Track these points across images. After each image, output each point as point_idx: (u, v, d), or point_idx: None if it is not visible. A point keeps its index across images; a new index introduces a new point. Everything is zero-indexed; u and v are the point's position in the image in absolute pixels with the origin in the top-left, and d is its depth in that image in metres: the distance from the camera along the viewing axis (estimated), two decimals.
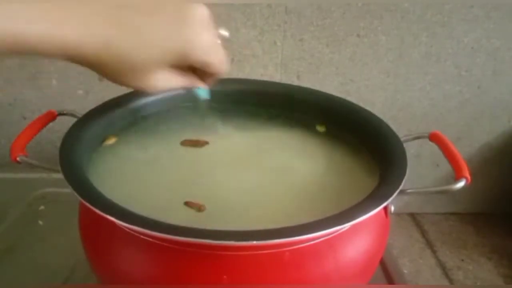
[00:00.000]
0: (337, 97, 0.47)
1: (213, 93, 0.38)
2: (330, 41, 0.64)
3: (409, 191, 0.34)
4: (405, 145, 0.38)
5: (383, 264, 0.49)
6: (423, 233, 0.77)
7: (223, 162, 0.40)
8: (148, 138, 0.43)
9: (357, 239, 0.32)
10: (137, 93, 0.44)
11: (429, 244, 0.74)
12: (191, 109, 0.45)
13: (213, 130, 0.45)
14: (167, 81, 0.32)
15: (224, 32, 0.34)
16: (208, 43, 0.31)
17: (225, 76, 0.35)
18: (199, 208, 0.33)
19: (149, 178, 0.37)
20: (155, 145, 0.42)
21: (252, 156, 0.41)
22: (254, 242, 0.26)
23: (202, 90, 0.37)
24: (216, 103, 0.47)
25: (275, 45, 0.64)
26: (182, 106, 0.46)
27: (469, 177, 0.34)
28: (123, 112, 0.43)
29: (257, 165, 0.40)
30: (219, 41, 0.33)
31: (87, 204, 0.28)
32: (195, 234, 0.26)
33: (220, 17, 0.57)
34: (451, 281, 0.67)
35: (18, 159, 0.36)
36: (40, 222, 0.55)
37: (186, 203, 0.34)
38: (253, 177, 0.38)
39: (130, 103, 0.44)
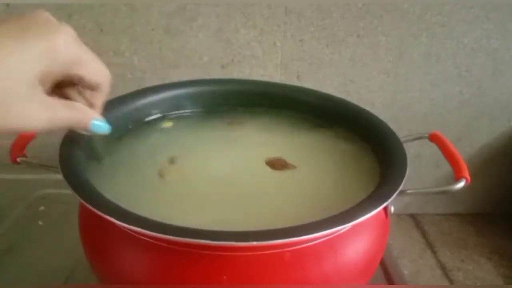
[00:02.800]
0: (337, 97, 0.47)
1: (214, 94, 0.38)
2: (330, 41, 0.64)
3: (409, 191, 0.34)
4: (405, 145, 0.38)
5: (383, 264, 0.49)
6: (423, 234, 0.77)
7: (223, 161, 0.40)
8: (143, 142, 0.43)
9: (357, 239, 0.32)
10: (140, 92, 0.45)
11: (429, 245, 0.74)
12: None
13: (215, 132, 0.45)
14: (47, 111, 0.27)
15: None
16: (76, 44, 0.27)
17: (219, 77, 0.34)
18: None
19: (149, 179, 0.37)
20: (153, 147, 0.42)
21: (253, 157, 0.41)
22: (254, 242, 0.26)
23: (98, 122, 0.31)
24: (217, 103, 0.48)
25: (275, 46, 0.64)
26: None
27: (469, 177, 0.34)
28: (123, 112, 0.43)
29: (258, 166, 0.40)
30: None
31: (87, 205, 0.28)
32: (195, 235, 0.26)
33: (220, 17, 0.58)
34: (451, 281, 0.67)
35: (18, 160, 0.36)
36: (40, 223, 0.55)
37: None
38: (253, 178, 0.38)
39: (132, 102, 0.44)
